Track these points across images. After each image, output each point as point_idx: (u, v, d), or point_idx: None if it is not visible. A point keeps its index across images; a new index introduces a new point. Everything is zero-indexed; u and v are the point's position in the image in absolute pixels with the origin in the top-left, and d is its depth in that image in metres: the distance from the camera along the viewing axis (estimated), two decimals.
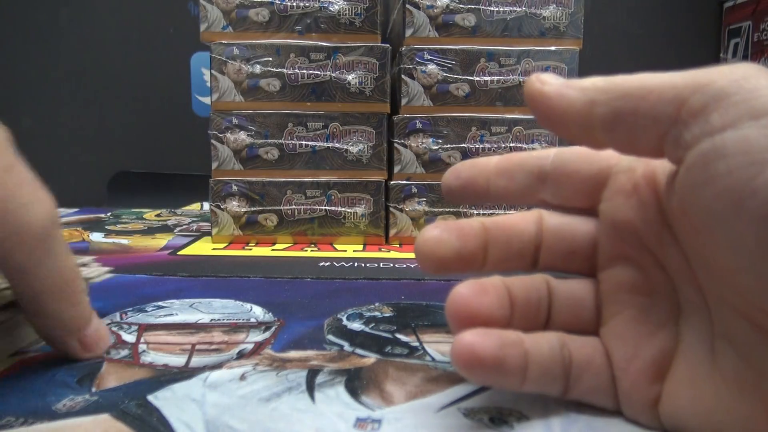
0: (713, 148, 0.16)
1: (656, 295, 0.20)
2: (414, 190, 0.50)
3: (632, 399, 0.19)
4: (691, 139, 0.16)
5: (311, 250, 0.48)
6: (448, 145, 0.50)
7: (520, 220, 0.22)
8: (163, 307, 0.32)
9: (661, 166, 0.19)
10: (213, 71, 0.49)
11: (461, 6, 0.50)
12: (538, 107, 0.19)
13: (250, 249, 0.48)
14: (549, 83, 0.19)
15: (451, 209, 0.51)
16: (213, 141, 0.50)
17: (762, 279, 0.15)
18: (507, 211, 0.50)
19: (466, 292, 0.20)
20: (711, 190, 0.16)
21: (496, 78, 0.50)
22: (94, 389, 0.22)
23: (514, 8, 0.50)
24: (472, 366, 0.18)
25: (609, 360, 0.20)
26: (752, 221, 0.15)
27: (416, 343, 0.27)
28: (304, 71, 0.49)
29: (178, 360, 0.25)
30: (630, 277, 0.20)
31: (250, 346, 0.26)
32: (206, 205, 0.77)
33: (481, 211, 0.51)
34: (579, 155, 0.21)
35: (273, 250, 0.48)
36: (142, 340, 0.27)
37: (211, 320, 0.30)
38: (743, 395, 0.17)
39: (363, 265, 0.43)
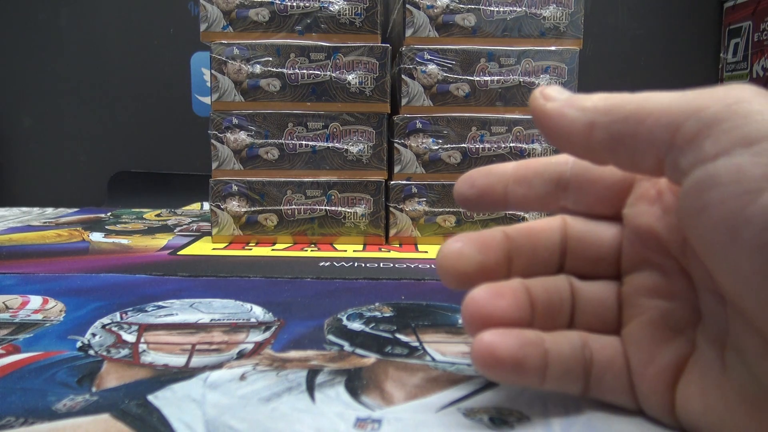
0: (707, 177, 0.15)
1: (677, 300, 0.19)
2: (414, 190, 0.50)
3: (651, 402, 0.19)
4: (686, 166, 0.16)
5: (311, 250, 0.48)
6: (448, 145, 0.50)
7: (545, 227, 0.21)
8: (163, 307, 0.32)
9: None
10: (213, 71, 0.49)
11: (461, 6, 0.50)
12: (540, 124, 0.19)
13: (250, 249, 0.48)
14: (552, 99, 0.19)
15: (452, 209, 0.51)
16: (213, 141, 0.50)
17: (763, 304, 0.15)
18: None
19: (481, 296, 0.19)
20: (706, 218, 0.16)
21: (496, 78, 0.50)
22: (94, 389, 0.22)
23: (514, 8, 0.50)
24: (491, 366, 0.18)
25: (628, 363, 0.20)
26: (748, 250, 0.15)
27: (416, 343, 0.27)
28: (304, 71, 0.49)
29: (178, 360, 0.25)
30: (652, 280, 0.20)
31: (250, 346, 0.26)
32: (206, 205, 0.77)
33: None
34: None
35: (273, 250, 0.48)
36: (142, 340, 0.27)
37: (211, 320, 0.30)
38: (752, 411, 0.16)
39: (363, 265, 0.43)
